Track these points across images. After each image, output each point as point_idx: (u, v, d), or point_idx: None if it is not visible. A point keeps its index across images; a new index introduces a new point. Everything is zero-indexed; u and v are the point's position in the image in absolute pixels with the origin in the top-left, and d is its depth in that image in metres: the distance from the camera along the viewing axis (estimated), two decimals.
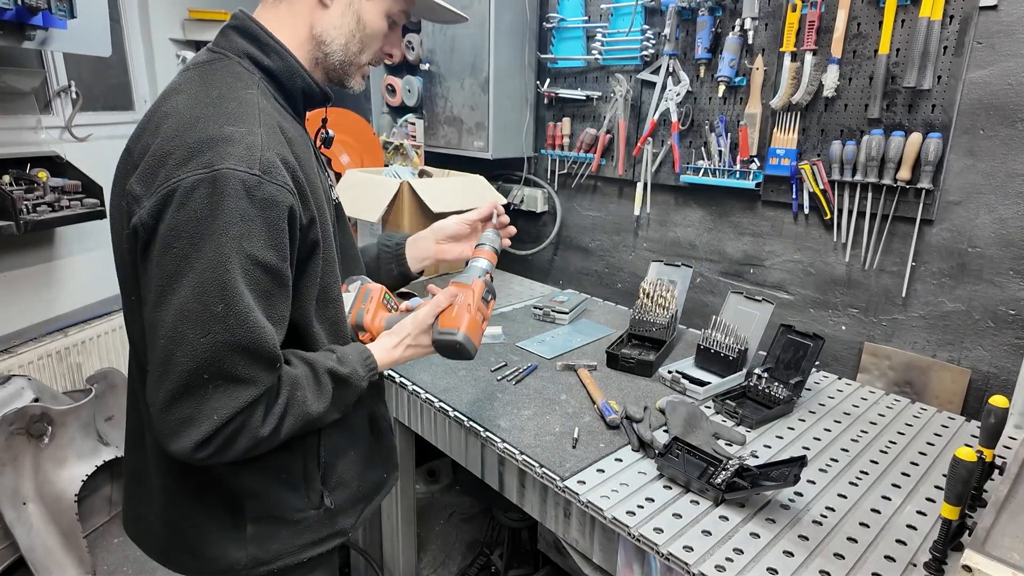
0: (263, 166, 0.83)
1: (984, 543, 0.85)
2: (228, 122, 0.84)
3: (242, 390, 0.84)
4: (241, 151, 0.82)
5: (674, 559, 1.05)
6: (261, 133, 0.86)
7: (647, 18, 2.10)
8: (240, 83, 0.92)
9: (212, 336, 0.80)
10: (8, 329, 2.49)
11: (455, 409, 1.52)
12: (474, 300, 1.09)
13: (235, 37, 0.96)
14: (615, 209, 2.40)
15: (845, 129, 1.72)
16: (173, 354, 0.81)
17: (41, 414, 2.20)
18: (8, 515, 2.14)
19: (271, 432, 0.89)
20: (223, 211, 0.79)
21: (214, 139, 0.82)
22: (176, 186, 0.80)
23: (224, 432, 0.84)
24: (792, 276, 1.93)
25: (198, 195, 0.79)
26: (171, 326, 0.81)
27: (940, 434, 1.47)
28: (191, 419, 0.82)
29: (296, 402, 0.91)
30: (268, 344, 0.85)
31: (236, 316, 0.81)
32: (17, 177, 2.33)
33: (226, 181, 0.80)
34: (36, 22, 2.00)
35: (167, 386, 0.82)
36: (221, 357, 0.82)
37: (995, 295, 1.56)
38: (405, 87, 2.94)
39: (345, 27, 1.00)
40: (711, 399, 1.57)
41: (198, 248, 0.79)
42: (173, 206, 0.79)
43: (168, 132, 0.84)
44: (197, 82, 0.91)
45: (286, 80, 0.98)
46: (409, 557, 2.10)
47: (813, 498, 1.21)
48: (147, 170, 0.83)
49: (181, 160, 0.81)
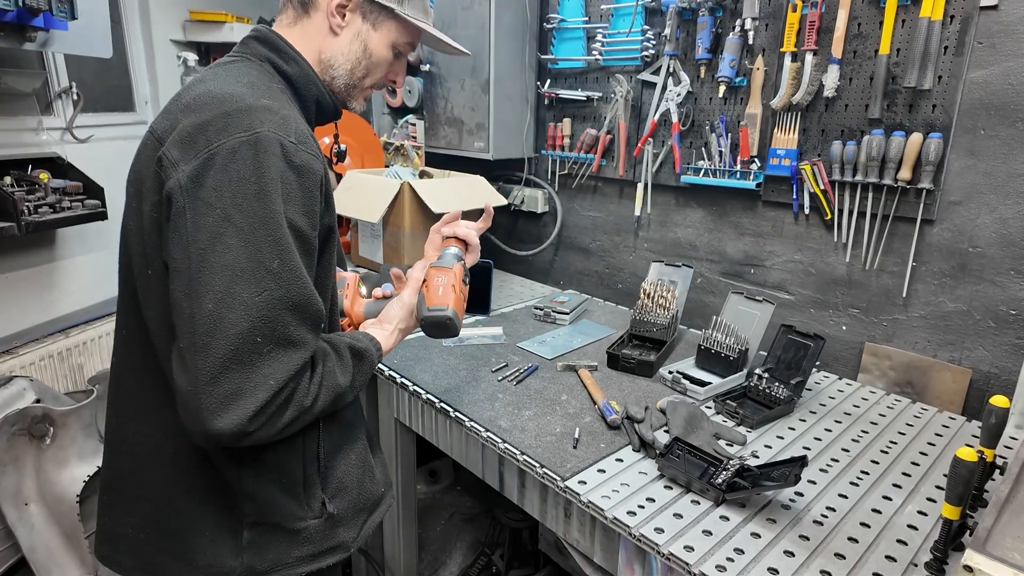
0: (298, 135, 0.86)
1: (985, 543, 0.85)
2: (263, 96, 0.88)
3: (293, 352, 0.83)
4: (279, 120, 0.86)
5: (675, 559, 1.05)
6: (290, 113, 0.90)
7: (647, 19, 2.10)
8: (263, 78, 0.96)
9: (268, 293, 0.80)
10: (9, 330, 2.49)
11: (456, 409, 1.52)
12: (456, 281, 1.15)
13: (256, 45, 1.02)
14: (616, 209, 2.40)
15: (846, 129, 1.72)
16: (223, 317, 0.78)
17: (43, 415, 2.20)
18: (10, 516, 2.14)
19: (312, 402, 0.88)
20: (268, 170, 0.81)
21: (252, 107, 0.85)
22: (218, 149, 0.81)
23: (277, 400, 0.82)
24: (793, 276, 1.93)
25: (242, 155, 0.81)
26: (221, 288, 0.78)
27: (941, 434, 1.47)
28: (242, 390, 0.78)
29: (328, 372, 0.92)
30: (317, 302, 0.86)
31: (291, 271, 0.82)
32: (18, 178, 2.34)
33: (269, 142, 0.82)
34: (37, 23, 2.00)
35: (215, 354, 0.77)
36: (276, 316, 0.80)
37: (996, 295, 1.56)
38: (405, 88, 2.94)
39: (352, 54, 1.06)
40: (712, 399, 1.58)
41: (243, 207, 0.80)
42: (216, 168, 0.80)
43: (203, 107, 0.86)
44: (223, 73, 0.94)
45: (302, 87, 1.03)
46: (410, 557, 2.10)
47: (814, 498, 1.21)
48: (185, 138, 0.84)
49: (221, 127, 0.82)
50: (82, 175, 2.49)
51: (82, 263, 2.76)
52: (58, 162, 2.51)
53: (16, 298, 2.52)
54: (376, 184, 2.42)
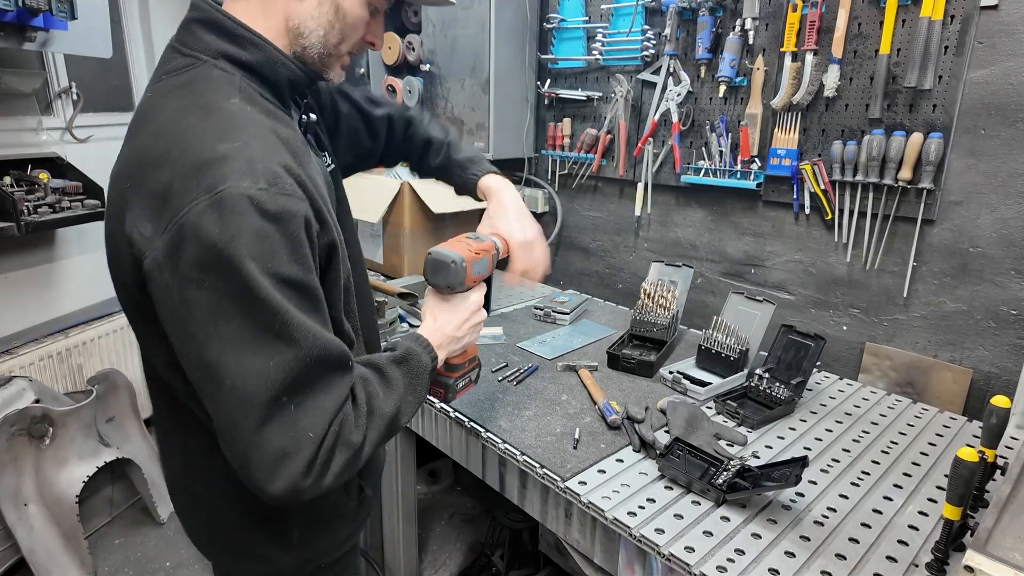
0: (268, 178, 0.77)
1: (986, 543, 0.85)
2: (219, 140, 0.78)
3: (325, 397, 0.80)
4: (241, 167, 0.76)
5: (675, 560, 1.05)
6: (255, 144, 0.80)
7: (647, 18, 2.10)
8: (220, 93, 0.84)
9: (280, 356, 0.76)
10: (9, 330, 2.49)
11: (456, 410, 1.52)
12: (478, 247, 1.09)
13: (203, 33, 0.88)
14: (616, 209, 2.40)
15: (846, 129, 1.71)
16: (243, 391, 0.75)
17: (42, 415, 2.20)
18: (9, 516, 2.14)
19: (362, 440, 0.84)
20: (240, 233, 0.73)
21: (209, 161, 0.76)
22: (184, 219, 0.74)
23: (324, 449, 0.79)
24: (793, 276, 1.93)
25: (207, 222, 0.73)
26: (232, 363, 0.75)
27: (942, 434, 1.47)
28: (286, 450, 0.77)
29: (372, 397, 0.88)
30: (335, 346, 0.82)
31: (296, 327, 0.77)
32: (18, 178, 2.34)
33: (234, 202, 0.74)
34: (37, 23, 2.00)
35: (248, 427, 0.76)
36: (296, 374, 0.77)
37: (996, 295, 1.56)
38: (406, 88, 2.94)
39: (323, 17, 0.93)
40: (712, 400, 1.57)
41: (227, 277, 0.74)
42: (187, 240, 0.74)
43: (160, 161, 0.78)
44: (173, 100, 0.84)
45: (269, 73, 0.91)
46: (410, 558, 2.10)
47: (815, 499, 1.21)
48: (151, 208, 0.77)
49: (182, 191, 0.75)
50: (82, 175, 2.49)
51: (81, 263, 2.76)
52: (58, 162, 2.51)
53: (16, 298, 2.52)
54: (376, 184, 2.42)
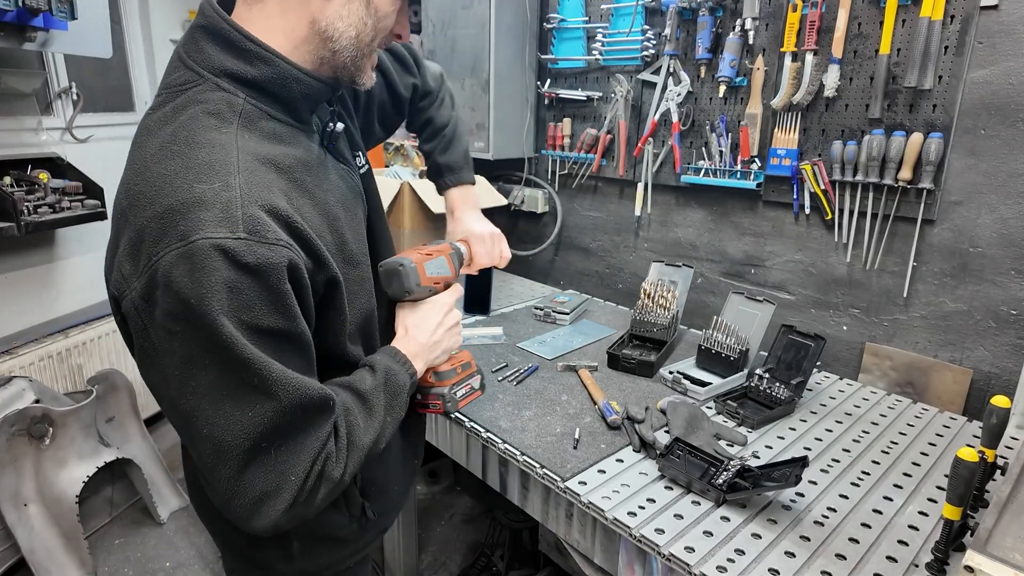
0: (247, 226, 0.71)
1: (986, 543, 0.85)
2: (197, 179, 0.72)
3: (305, 440, 0.78)
4: (216, 214, 0.70)
5: (675, 560, 1.05)
6: (239, 184, 0.73)
7: (647, 18, 2.10)
8: (216, 120, 0.78)
9: (259, 407, 0.74)
10: (9, 330, 2.49)
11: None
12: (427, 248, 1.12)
13: (207, 45, 0.81)
14: (616, 209, 2.40)
15: (846, 129, 1.71)
16: (222, 440, 0.73)
17: (42, 415, 2.20)
18: (9, 516, 2.14)
19: (343, 472, 0.83)
20: (205, 286, 0.69)
21: (184, 204, 0.70)
22: (157, 266, 0.70)
23: (305, 488, 0.78)
24: (793, 276, 1.93)
25: (178, 273, 0.69)
26: (209, 413, 0.73)
27: (942, 434, 1.47)
28: (266, 493, 0.75)
29: (352, 427, 0.86)
30: (314, 392, 0.78)
31: (275, 380, 0.74)
32: (18, 178, 2.34)
33: (204, 254, 0.69)
34: (37, 23, 2.00)
35: (227, 473, 0.74)
36: (276, 423, 0.75)
37: (997, 295, 1.56)
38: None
39: (354, 15, 0.83)
40: (712, 400, 1.57)
41: (200, 330, 0.70)
42: (160, 289, 0.70)
43: (140, 197, 0.74)
44: (168, 120, 0.79)
45: (279, 90, 0.83)
46: (410, 558, 2.10)
47: (815, 499, 1.21)
48: (131, 247, 0.74)
49: (157, 235, 0.71)
50: (82, 175, 2.49)
51: (81, 263, 2.76)
52: (58, 162, 2.51)
53: (16, 298, 2.52)
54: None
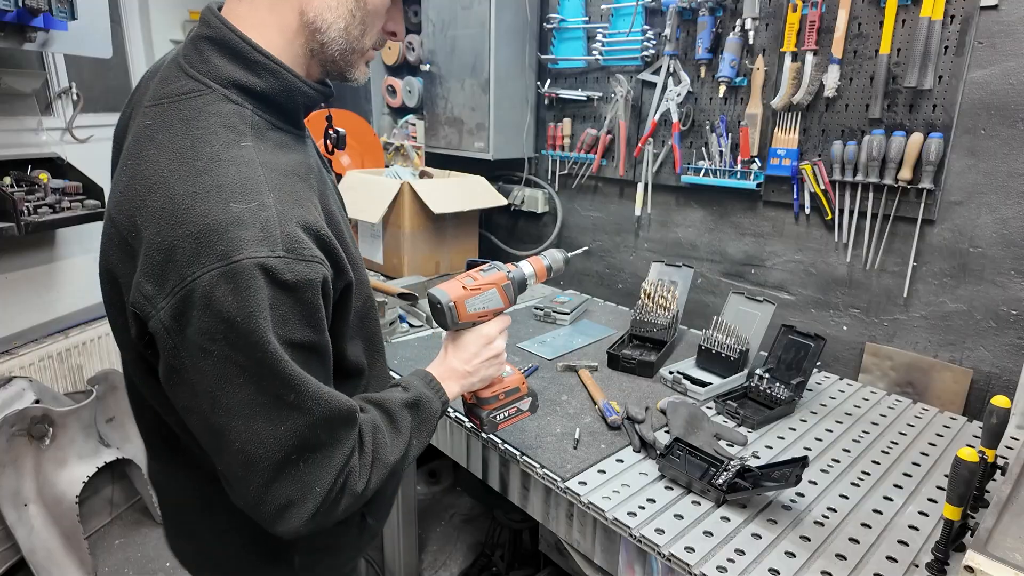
0: (286, 244, 0.72)
1: (986, 544, 0.85)
2: (232, 198, 0.72)
3: (332, 453, 0.81)
4: (257, 234, 0.71)
5: (675, 560, 1.05)
6: (273, 203, 0.74)
7: (647, 19, 2.10)
8: (233, 134, 0.77)
9: (291, 422, 0.76)
10: (9, 330, 2.49)
11: (456, 410, 1.52)
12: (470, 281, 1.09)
13: (213, 55, 0.80)
14: (616, 210, 2.40)
15: (846, 129, 1.71)
16: (252, 453, 0.75)
17: (42, 416, 2.20)
18: (9, 516, 2.14)
19: (365, 486, 0.85)
20: (252, 305, 0.70)
21: (222, 224, 0.70)
22: (194, 286, 0.70)
23: (329, 499, 0.80)
24: (793, 276, 1.93)
25: (220, 293, 0.69)
26: (242, 428, 0.74)
27: (942, 435, 1.47)
28: (293, 501, 0.78)
29: (379, 445, 0.88)
30: (343, 406, 0.81)
31: (310, 396, 0.76)
32: (18, 179, 2.34)
33: (249, 274, 0.69)
34: (37, 24, 2.00)
35: (257, 480, 0.76)
36: (305, 437, 0.77)
37: (997, 295, 1.56)
38: (406, 88, 2.94)
39: (343, 7, 0.84)
40: (712, 400, 1.57)
41: (238, 347, 0.71)
42: (197, 309, 0.70)
43: (163, 215, 0.72)
44: (179, 132, 0.76)
45: (285, 101, 0.84)
46: (411, 558, 2.10)
47: (815, 499, 1.21)
48: (154, 266, 0.72)
49: (191, 255, 0.70)
50: (82, 175, 2.49)
51: (81, 263, 2.76)
52: (58, 162, 2.51)
53: (16, 298, 2.52)
54: (376, 184, 2.42)
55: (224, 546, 1.00)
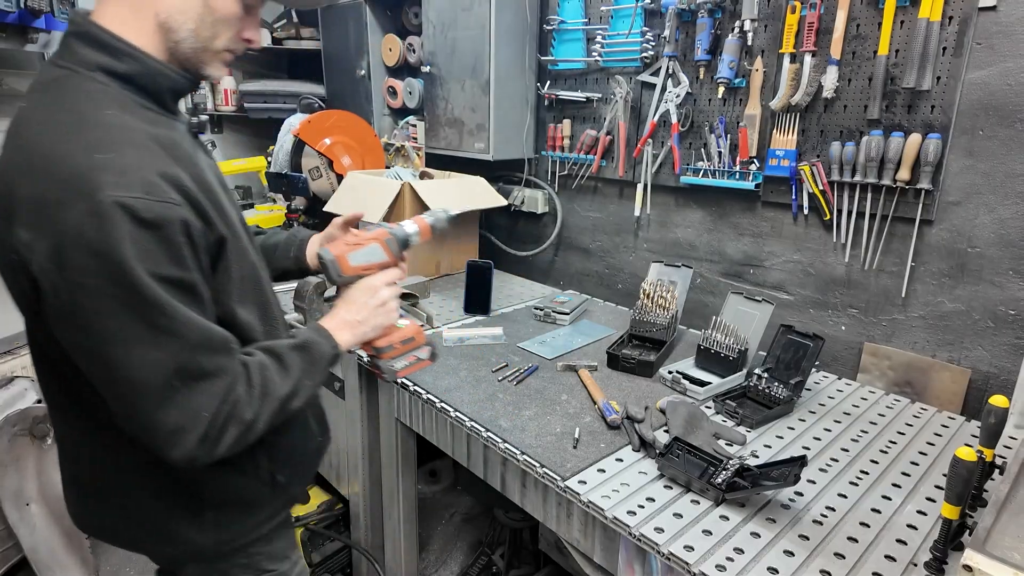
0: (144, 187, 0.81)
1: (985, 543, 0.86)
2: (96, 150, 0.81)
3: (215, 380, 0.88)
4: (116, 176, 0.80)
5: (675, 559, 1.05)
6: (132, 154, 0.83)
7: (647, 20, 2.10)
8: (94, 103, 0.86)
9: (168, 347, 0.83)
10: (11, 330, 2.49)
11: (456, 410, 1.52)
12: (356, 238, 1.19)
13: (80, 48, 0.89)
14: (615, 210, 2.40)
15: (844, 130, 1.72)
16: (135, 379, 0.83)
17: (44, 415, 2.20)
18: (11, 516, 2.15)
19: (254, 417, 0.92)
20: (115, 238, 0.78)
21: (87, 168, 0.79)
22: (64, 228, 0.78)
23: (215, 425, 0.87)
24: (792, 276, 1.94)
25: (87, 230, 0.78)
26: (121, 355, 0.82)
27: (940, 434, 1.47)
28: (182, 426, 0.85)
29: (268, 381, 0.94)
30: (218, 333, 0.89)
31: (181, 321, 0.84)
32: None
33: (111, 210, 0.78)
34: (39, 25, 2.01)
35: (143, 409, 0.84)
36: (184, 361, 0.84)
37: (995, 295, 1.56)
38: (406, 89, 2.94)
39: (191, 11, 0.92)
40: (711, 399, 1.58)
41: (112, 280, 0.79)
42: (68, 247, 0.78)
43: (34, 170, 0.81)
44: (50, 107, 0.86)
45: (148, 83, 0.93)
46: (411, 557, 2.10)
47: (813, 498, 1.21)
48: (29, 215, 0.80)
49: (59, 200, 0.79)
50: None
51: None
52: None
53: None
54: (376, 185, 2.43)
55: (135, 505, 1.05)
